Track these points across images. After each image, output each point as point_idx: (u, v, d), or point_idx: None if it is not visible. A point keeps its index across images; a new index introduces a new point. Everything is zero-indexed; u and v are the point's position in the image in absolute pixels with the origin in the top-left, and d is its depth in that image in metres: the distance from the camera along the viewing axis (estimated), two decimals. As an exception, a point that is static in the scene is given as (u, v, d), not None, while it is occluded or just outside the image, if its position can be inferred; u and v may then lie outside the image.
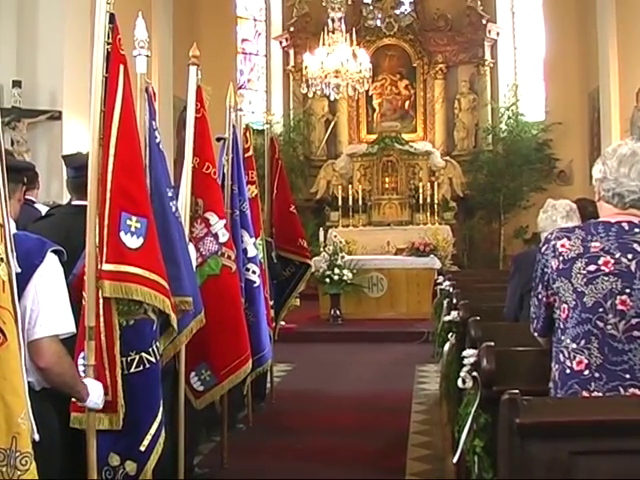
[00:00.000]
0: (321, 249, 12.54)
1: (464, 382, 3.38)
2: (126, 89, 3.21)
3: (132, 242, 3.16)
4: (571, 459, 2.25)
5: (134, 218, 3.18)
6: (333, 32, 13.92)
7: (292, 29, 17.73)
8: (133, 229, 3.17)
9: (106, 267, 3.11)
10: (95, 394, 2.98)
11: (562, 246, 2.71)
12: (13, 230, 2.57)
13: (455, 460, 3.59)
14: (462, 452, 3.25)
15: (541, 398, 2.59)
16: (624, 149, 2.72)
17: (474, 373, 3.27)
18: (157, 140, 3.85)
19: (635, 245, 2.62)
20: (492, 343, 3.26)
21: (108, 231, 3.12)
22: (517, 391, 2.34)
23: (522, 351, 3.31)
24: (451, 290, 6.31)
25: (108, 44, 3.19)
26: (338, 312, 12.10)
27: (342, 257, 12.17)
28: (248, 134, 6.57)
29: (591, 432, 2.29)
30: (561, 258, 2.70)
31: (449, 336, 5.21)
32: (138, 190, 3.27)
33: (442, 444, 5.71)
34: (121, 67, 3.21)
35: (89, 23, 8.91)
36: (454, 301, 5.52)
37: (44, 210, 5.03)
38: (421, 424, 6.44)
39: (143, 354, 3.26)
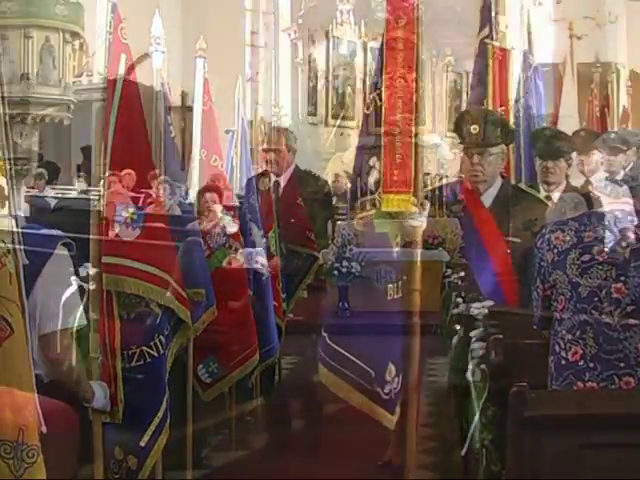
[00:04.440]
0: (329, 242, 12.50)
1: (472, 375, 3.37)
2: (127, 78, 3.15)
3: (127, 234, 3.12)
4: (580, 452, 2.25)
5: (130, 209, 3.15)
6: (342, 24, 13.88)
7: (300, 21, 17.67)
8: (129, 220, 3.13)
9: (103, 259, 3.09)
10: (101, 395, 2.98)
11: (556, 239, 2.71)
12: (22, 222, 2.56)
13: (463, 453, 3.58)
14: (470, 445, 3.24)
15: (550, 391, 2.59)
16: (614, 137, 2.71)
17: (482, 366, 3.26)
18: (172, 135, 3.86)
19: (629, 233, 2.61)
20: (501, 336, 3.25)
21: (105, 222, 3.10)
22: (526, 384, 2.34)
23: (531, 344, 3.30)
24: (459, 283, 6.28)
25: (109, 34, 3.15)
26: (346, 304, 12.05)
27: (350, 250, 12.13)
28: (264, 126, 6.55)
29: (600, 425, 2.28)
30: (556, 250, 2.70)
31: (457, 328, 5.19)
32: (136, 181, 3.24)
33: (450, 437, 5.69)
34: (123, 56, 3.16)
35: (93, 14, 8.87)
36: (462, 294, 5.50)
37: (52, 200, 5.04)
38: (429, 416, 6.42)
39: (144, 348, 3.22)
